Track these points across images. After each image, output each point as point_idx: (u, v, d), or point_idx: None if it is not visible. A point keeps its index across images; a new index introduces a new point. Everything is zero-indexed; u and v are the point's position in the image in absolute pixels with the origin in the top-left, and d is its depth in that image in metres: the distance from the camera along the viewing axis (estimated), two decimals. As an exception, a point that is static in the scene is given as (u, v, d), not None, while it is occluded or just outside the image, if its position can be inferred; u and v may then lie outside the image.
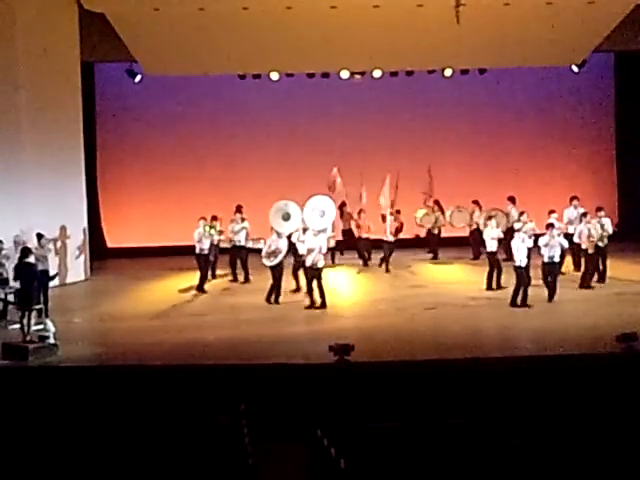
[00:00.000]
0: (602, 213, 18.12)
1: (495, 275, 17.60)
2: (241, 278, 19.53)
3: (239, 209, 19.78)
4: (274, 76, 23.30)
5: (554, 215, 18.17)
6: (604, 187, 24.07)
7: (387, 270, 20.36)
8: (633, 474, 8.53)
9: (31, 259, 14.65)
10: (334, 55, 21.57)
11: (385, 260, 20.59)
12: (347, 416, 10.84)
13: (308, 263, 16.60)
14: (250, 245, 19.28)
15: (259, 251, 17.73)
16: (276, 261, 17.27)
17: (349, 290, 18.39)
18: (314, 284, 16.55)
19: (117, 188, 24.17)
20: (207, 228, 18.59)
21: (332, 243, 19.45)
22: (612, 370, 12.30)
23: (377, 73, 23.33)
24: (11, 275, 15.82)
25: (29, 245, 16.28)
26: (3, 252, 16.58)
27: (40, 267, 15.61)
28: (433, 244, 22.55)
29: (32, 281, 14.27)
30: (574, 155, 24.57)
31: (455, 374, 12.19)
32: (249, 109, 24.14)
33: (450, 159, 24.14)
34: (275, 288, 17.25)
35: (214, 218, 19.32)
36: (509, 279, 17.01)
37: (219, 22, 20.01)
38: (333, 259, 21.20)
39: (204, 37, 20.66)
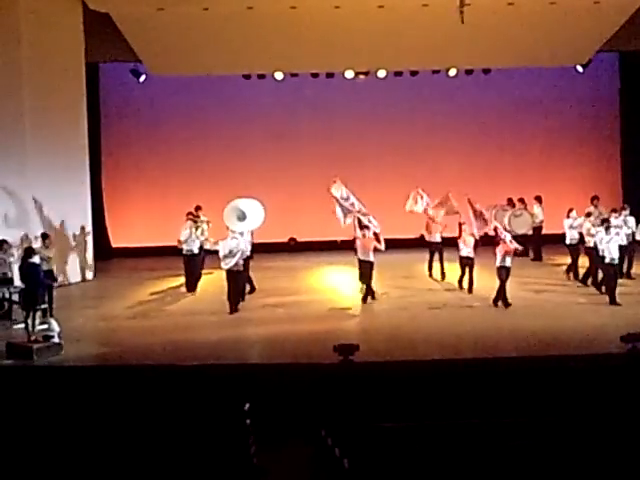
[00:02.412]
0: (627, 212, 18.70)
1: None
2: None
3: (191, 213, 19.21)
4: (278, 76, 23.31)
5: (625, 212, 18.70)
6: (609, 186, 24.02)
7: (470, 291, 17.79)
8: (639, 475, 8.52)
9: (35, 259, 14.68)
10: (338, 55, 21.56)
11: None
12: (351, 416, 10.83)
13: (226, 266, 16.45)
14: (208, 246, 19.05)
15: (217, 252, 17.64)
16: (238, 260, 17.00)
17: (353, 290, 18.36)
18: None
19: (121, 188, 24.18)
20: (194, 229, 18.45)
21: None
22: (617, 370, 12.28)
23: (381, 73, 23.32)
24: (16, 275, 15.88)
25: (34, 245, 16.34)
26: (8, 252, 16.60)
27: (45, 267, 15.64)
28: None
29: (36, 281, 14.29)
30: (579, 154, 24.56)
31: (459, 374, 12.18)
32: (254, 109, 24.13)
33: (454, 159, 24.13)
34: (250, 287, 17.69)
35: (198, 208, 19.42)
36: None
37: (223, 22, 20.02)
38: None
39: (208, 37, 20.66)
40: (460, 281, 18.03)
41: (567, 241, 18.64)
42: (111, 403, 11.46)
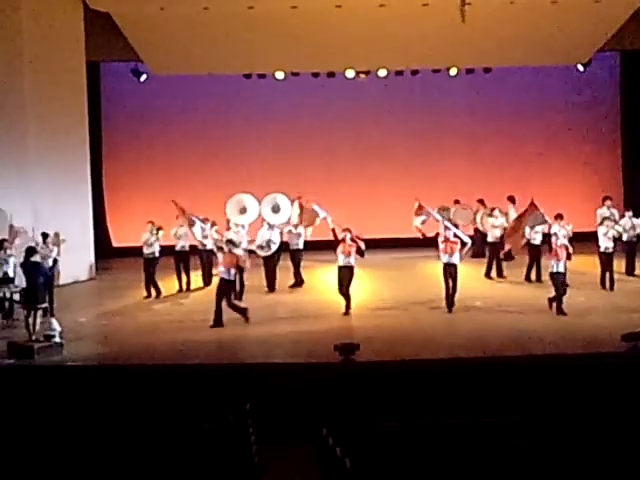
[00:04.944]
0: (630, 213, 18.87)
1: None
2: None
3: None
4: (279, 75, 23.31)
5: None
6: (610, 186, 23.98)
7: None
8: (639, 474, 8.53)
9: (36, 258, 14.68)
10: (339, 54, 21.57)
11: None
12: (352, 415, 10.84)
13: None
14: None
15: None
16: (270, 252, 17.95)
17: (354, 289, 18.36)
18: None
19: (122, 187, 24.19)
20: (154, 231, 18.23)
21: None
22: (618, 369, 12.29)
23: (382, 72, 23.32)
24: (17, 274, 15.89)
25: (34, 244, 16.33)
26: (8, 251, 16.60)
27: (45, 266, 15.63)
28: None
29: (37, 280, 14.29)
30: (579, 153, 24.55)
31: (460, 373, 12.18)
32: (254, 108, 24.13)
33: (455, 158, 24.14)
34: (269, 278, 18.17)
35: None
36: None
37: (224, 21, 20.02)
38: None
39: (209, 36, 20.68)
40: (557, 303, 15.45)
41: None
42: (112, 402, 11.47)
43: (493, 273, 19.15)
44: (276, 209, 18.74)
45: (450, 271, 15.96)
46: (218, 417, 10.39)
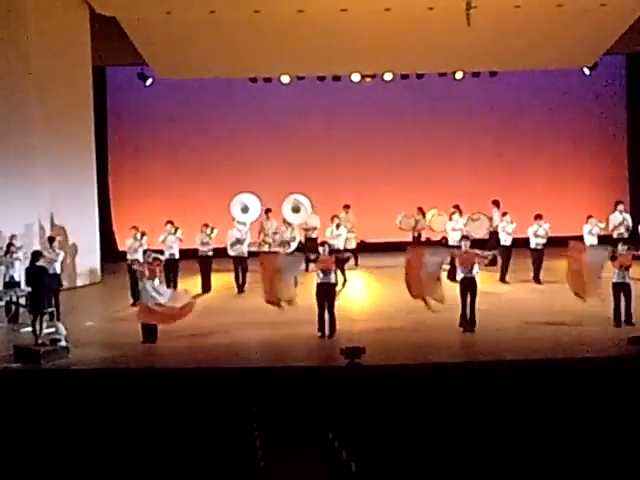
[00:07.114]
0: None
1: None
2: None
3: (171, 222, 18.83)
4: (285, 79, 23.34)
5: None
6: (616, 190, 23.96)
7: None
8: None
9: (42, 262, 14.70)
10: (345, 58, 21.58)
11: None
12: (358, 419, 10.83)
13: (234, 253, 18.58)
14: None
15: None
16: (290, 249, 18.76)
17: (360, 293, 18.37)
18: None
19: (128, 191, 24.23)
20: (138, 237, 17.98)
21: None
22: (624, 373, 12.26)
23: (388, 76, 23.33)
24: (23, 278, 15.92)
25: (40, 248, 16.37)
26: (15, 255, 16.63)
27: (51, 271, 15.67)
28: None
29: (44, 284, 14.31)
30: (585, 158, 24.52)
31: (466, 377, 12.17)
32: (260, 112, 24.16)
33: (460, 162, 24.13)
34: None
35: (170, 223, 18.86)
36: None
37: (230, 25, 20.06)
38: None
39: (215, 41, 20.70)
40: (615, 313, 14.69)
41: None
42: (118, 406, 11.48)
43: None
44: (296, 209, 20.08)
45: (468, 286, 14.64)
46: (224, 421, 10.39)
